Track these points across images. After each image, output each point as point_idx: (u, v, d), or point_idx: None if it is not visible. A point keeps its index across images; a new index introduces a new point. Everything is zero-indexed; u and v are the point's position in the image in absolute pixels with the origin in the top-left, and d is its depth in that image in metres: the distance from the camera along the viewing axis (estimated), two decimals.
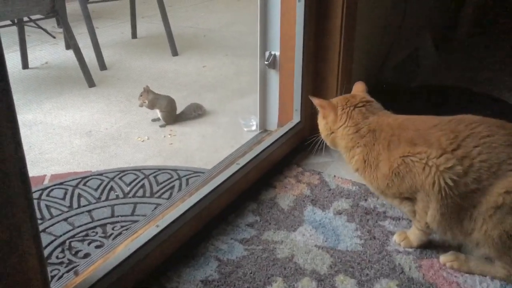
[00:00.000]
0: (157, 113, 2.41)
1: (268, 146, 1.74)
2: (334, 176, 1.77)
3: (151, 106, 2.42)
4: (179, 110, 2.47)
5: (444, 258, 1.35)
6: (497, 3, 3.49)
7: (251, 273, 1.31)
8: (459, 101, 2.38)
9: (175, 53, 3.53)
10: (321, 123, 1.45)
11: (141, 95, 2.44)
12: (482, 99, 2.48)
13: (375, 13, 2.29)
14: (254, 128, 2.23)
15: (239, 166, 1.59)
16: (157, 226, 1.27)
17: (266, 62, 1.88)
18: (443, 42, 3.28)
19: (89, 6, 3.19)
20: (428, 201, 1.24)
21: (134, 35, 3.97)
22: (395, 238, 1.43)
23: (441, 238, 1.39)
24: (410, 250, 1.39)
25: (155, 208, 1.64)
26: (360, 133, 1.35)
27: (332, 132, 1.41)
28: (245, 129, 2.26)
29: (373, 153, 1.32)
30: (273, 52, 1.86)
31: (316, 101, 1.43)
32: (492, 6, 3.52)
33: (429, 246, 1.40)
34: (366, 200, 1.63)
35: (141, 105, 2.45)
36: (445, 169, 1.18)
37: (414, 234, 1.39)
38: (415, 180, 1.24)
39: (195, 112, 2.47)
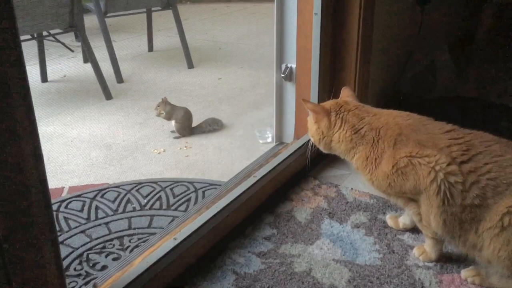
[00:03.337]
0: (172, 124, 2.42)
1: (285, 159, 1.74)
2: (351, 189, 1.76)
3: (168, 117, 2.44)
4: (195, 122, 2.48)
5: (465, 273, 1.33)
6: None
7: (268, 287, 1.30)
8: (477, 112, 2.35)
9: (191, 65, 3.55)
10: (313, 127, 1.44)
11: (158, 105, 2.47)
12: (500, 110, 2.45)
13: (391, 26, 2.28)
14: (269, 140, 2.23)
15: (255, 179, 1.58)
16: (175, 239, 1.27)
17: (282, 75, 1.88)
18: (461, 53, 3.26)
19: (107, 20, 3.23)
20: (430, 205, 1.23)
21: (150, 48, 4.02)
22: (415, 251, 1.42)
23: (457, 250, 1.36)
24: (430, 264, 1.37)
25: (172, 220, 1.65)
26: (360, 133, 1.34)
27: (325, 137, 1.40)
28: (261, 141, 2.26)
29: (377, 150, 1.31)
30: (289, 65, 1.86)
31: (308, 105, 1.42)
32: (510, 17, 3.49)
33: (450, 261, 1.38)
34: (384, 213, 1.61)
35: (157, 115, 2.47)
36: (449, 178, 1.17)
37: (428, 246, 1.38)
38: (419, 182, 1.23)
39: (211, 127, 2.48)
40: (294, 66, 1.86)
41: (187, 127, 2.44)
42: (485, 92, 2.74)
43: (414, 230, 1.51)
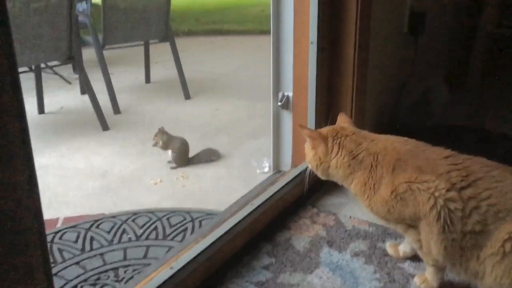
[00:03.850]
0: (169, 154, 2.42)
1: (282, 187, 1.72)
2: (350, 217, 1.74)
3: (165, 147, 2.43)
4: (192, 153, 2.47)
5: None
6: (510, 42, 3.52)
7: None
8: (473, 141, 2.35)
9: (187, 96, 3.58)
10: (310, 153, 1.43)
11: (155, 136, 2.46)
12: (496, 138, 2.46)
13: (386, 55, 2.31)
14: (266, 170, 2.22)
15: (253, 207, 1.57)
16: (171, 268, 1.24)
17: (279, 103, 1.89)
18: (455, 82, 3.30)
19: (104, 52, 3.27)
20: (430, 231, 1.22)
21: (147, 79, 4.05)
22: (416, 280, 1.39)
23: (458, 278, 1.33)
24: None
25: (168, 251, 1.62)
26: (357, 159, 1.33)
27: (322, 163, 1.39)
28: (258, 171, 2.25)
29: (375, 176, 1.29)
30: (286, 93, 1.87)
31: (305, 131, 1.41)
32: (504, 45, 3.55)
33: None
34: (384, 241, 1.58)
35: (154, 145, 2.47)
36: (449, 205, 1.16)
37: (430, 274, 1.35)
38: (418, 208, 1.22)
39: (207, 157, 2.48)
40: (290, 94, 1.87)
41: (184, 157, 2.43)
42: (481, 121, 2.75)
43: (414, 258, 1.48)
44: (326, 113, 1.90)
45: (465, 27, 3.53)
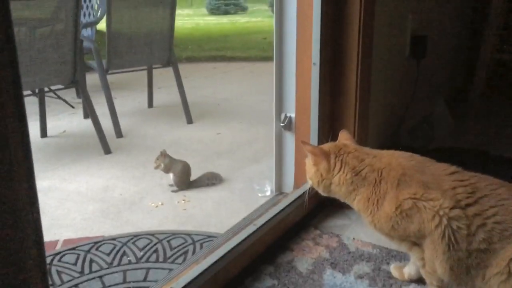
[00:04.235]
0: (171, 177, 2.40)
1: (284, 208, 1.71)
2: (353, 238, 1.71)
3: (166, 170, 2.42)
4: (193, 176, 2.46)
5: None
6: (509, 66, 3.55)
7: None
8: (476, 164, 2.34)
9: (190, 121, 3.58)
10: (311, 170, 1.41)
11: (157, 158, 2.46)
12: (499, 161, 2.44)
13: (389, 78, 2.32)
14: (268, 193, 2.20)
15: (255, 227, 1.55)
16: None
17: (281, 124, 1.89)
18: (457, 105, 3.31)
19: (108, 77, 3.29)
20: (434, 250, 1.20)
21: (150, 104, 4.07)
22: None
23: None
24: None
25: (169, 273, 1.59)
26: (361, 175, 1.32)
27: (324, 179, 1.38)
28: (260, 195, 2.23)
29: (379, 191, 1.28)
30: (288, 114, 1.88)
31: (307, 147, 1.40)
32: (505, 69, 3.58)
33: None
34: (388, 263, 1.56)
35: (156, 168, 2.46)
36: (454, 223, 1.15)
37: None
38: (423, 225, 1.20)
39: (209, 181, 2.46)
40: (293, 115, 1.87)
41: (185, 181, 2.42)
42: (483, 144, 2.75)
43: (420, 281, 1.45)
44: (328, 134, 1.89)
45: (466, 51, 3.57)
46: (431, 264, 1.24)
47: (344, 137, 1.46)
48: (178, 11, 3.66)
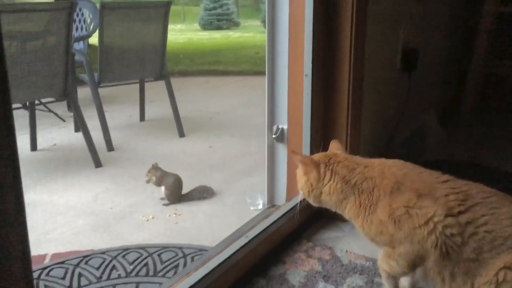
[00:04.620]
0: (162, 190, 2.38)
1: (276, 220, 1.69)
2: (346, 251, 1.70)
3: (158, 183, 2.40)
4: (185, 190, 2.44)
5: None
6: (499, 80, 3.59)
7: None
8: (468, 176, 2.34)
9: (182, 134, 3.57)
10: (302, 180, 1.41)
11: (149, 172, 2.44)
12: (491, 173, 2.45)
13: (380, 90, 2.33)
14: (260, 207, 2.19)
15: (247, 239, 1.53)
16: None
17: (274, 136, 1.88)
18: (448, 117, 3.33)
19: (100, 90, 3.28)
20: (420, 256, 1.20)
21: (142, 117, 4.06)
22: None
23: None
24: None
25: (159, 287, 1.56)
26: (351, 183, 1.31)
27: (314, 189, 1.37)
28: (252, 208, 2.22)
29: (371, 198, 1.27)
30: (280, 126, 1.87)
31: (297, 157, 1.40)
32: (495, 81, 3.62)
33: None
34: (381, 276, 1.54)
35: (148, 182, 2.44)
36: (448, 230, 1.15)
37: (384, 278, 1.36)
38: (413, 231, 1.19)
39: (201, 194, 2.44)
40: (285, 127, 1.86)
41: (176, 194, 2.40)
42: (474, 156, 2.76)
43: None
44: (321, 146, 1.89)
45: (457, 64, 3.60)
46: (402, 264, 1.25)
47: (335, 147, 1.46)
48: (170, 26, 3.67)
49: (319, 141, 1.88)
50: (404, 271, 1.26)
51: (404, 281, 1.45)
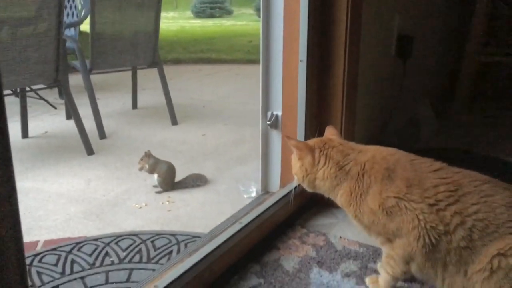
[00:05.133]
0: (155, 178, 2.37)
1: (270, 206, 1.69)
2: (340, 237, 1.70)
3: (151, 170, 2.38)
4: (178, 178, 2.42)
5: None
6: (495, 68, 3.60)
7: None
8: (461, 163, 2.35)
9: (174, 122, 3.55)
10: (296, 164, 1.40)
11: (141, 159, 2.42)
12: (483, 160, 2.46)
13: (375, 77, 2.32)
14: (254, 195, 2.18)
15: (241, 225, 1.52)
16: (155, 286, 1.18)
17: (268, 122, 1.87)
18: (442, 105, 3.33)
19: (91, 78, 3.24)
20: (411, 251, 1.20)
21: (134, 105, 4.03)
22: (366, 280, 1.41)
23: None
24: None
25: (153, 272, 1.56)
26: (344, 169, 1.31)
27: (309, 174, 1.36)
28: (245, 196, 2.21)
29: (362, 185, 1.27)
30: (275, 113, 1.86)
31: (292, 142, 1.39)
32: (489, 69, 3.63)
33: None
34: (375, 261, 1.54)
35: (140, 169, 2.42)
36: (431, 229, 1.16)
37: (384, 280, 1.35)
38: (402, 225, 1.20)
39: (194, 182, 2.43)
40: (280, 114, 1.85)
41: (169, 182, 2.38)
42: (468, 144, 2.77)
43: (407, 278, 1.44)
44: (315, 132, 1.88)
45: (452, 52, 3.60)
46: (398, 261, 1.25)
47: (330, 133, 1.45)
48: (163, 14, 3.63)
49: (314, 127, 1.87)
50: (403, 270, 1.26)
51: None
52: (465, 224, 1.12)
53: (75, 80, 3.87)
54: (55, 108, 3.88)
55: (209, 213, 2.10)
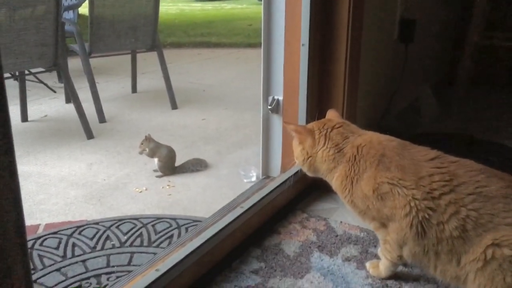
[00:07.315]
0: (155, 162, 2.36)
1: (271, 191, 1.68)
2: (341, 222, 1.70)
3: (151, 154, 2.38)
4: (178, 162, 2.42)
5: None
6: (497, 52, 3.58)
7: None
8: (462, 148, 2.35)
9: (174, 106, 3.54)
10: (297, 149, 1.40)
11: (142, 143, 2.41)
12: (484, 145, 2.46)
13: (377, 61, 2.30)
14: (254, 179, 2.18)
15: (242, 210, 1.52)
16: (157, 270, 1.19)
17: (269, 107, 1.86)
18: (443, 90, 3.32)
19: (91, 61, 3.22)
20: (403, 235, 1.21)
21: (134, 89, 4.01)
22: (367, 265, 1.43)
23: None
24: None
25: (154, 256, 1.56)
26: (342, 152, 1.31)
27: (310, 157, 1.36)
28: (245, 181, 2.21)
29: (357, 168, 1.27)
30: (276, 97, 1.85)
31: (291, 127, 1.39)
32: (490, 54, 3.61)
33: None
34: (375, 246, 1.55)
35: (141, 153, 2.41)
36: (423, 214, 1.16)
37: (384, 265, 1.37)
38: (395, 211, 1.20)
39: (194, 167, 2.43)
40: (281, 98, 1.84)
41: (170, 166, 2.38)
42: (469, 128, 2.76)
43: (407, 264, 1.45)
44: (316, 117, 1.87)
45: (453, 37, 3.57)
46: (393, 246, 1.26)
47: (332, 115, 1.45)
48: None
49: (315, 112, 1.87)
50: (398, 254, 1.27)
51: None
52: (459, 214, 1.12)
53: (74, 63, 3.85)
54: (55, 91, 3.86)
55: (210, 198, 2.11)
